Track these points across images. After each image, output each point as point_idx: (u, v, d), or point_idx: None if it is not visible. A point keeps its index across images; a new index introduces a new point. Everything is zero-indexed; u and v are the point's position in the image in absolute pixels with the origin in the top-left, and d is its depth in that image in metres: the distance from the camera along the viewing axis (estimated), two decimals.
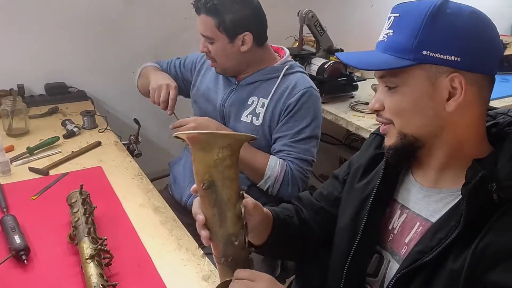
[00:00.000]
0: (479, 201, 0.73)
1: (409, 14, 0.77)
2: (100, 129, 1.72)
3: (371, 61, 0.80)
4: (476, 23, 0.76)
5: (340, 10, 2.65)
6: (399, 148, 0.82)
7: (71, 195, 1.14)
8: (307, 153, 1.46)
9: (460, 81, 0.75)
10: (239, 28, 1.42)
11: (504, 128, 0.82)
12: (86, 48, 2.04)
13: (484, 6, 3.27)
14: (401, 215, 0.89)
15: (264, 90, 1.49)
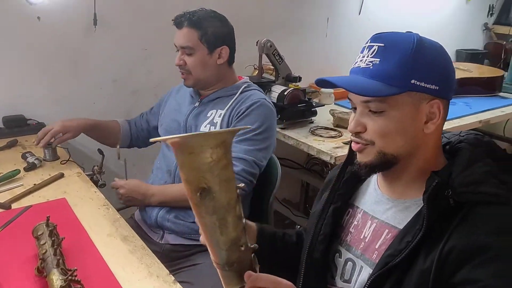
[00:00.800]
0: (438, 206, 0.83)
1: (395, 46, 0.85)
2: (62, 161, 1.70)
3: (366, 86, 0.84)
4: (445, 55, 0.88)
5: (297, 39, 2.76)
6: (375, 165, 0.90)
7: (37, 228, 1.12)
8: (248, 153, 1.52)
9: (439, 106, 0.86)
10: (219, 41, 1.58)
11: (455, 145, 0.93)
12: (45, 80, 2.02)
13: (430, 32, 3.48)
14: (371, 225, 0.97)
15: (223, 104, 1.61)
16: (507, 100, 2.73)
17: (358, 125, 0.89)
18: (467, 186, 0.82)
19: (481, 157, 0.87)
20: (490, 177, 0.83)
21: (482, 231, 0.78)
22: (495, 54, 3.68)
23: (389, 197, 0.96)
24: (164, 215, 1.58)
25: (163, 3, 2.19)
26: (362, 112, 0.89)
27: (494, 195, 0.82)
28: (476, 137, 0.92)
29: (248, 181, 1.52)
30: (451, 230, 0.81)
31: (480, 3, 3.76)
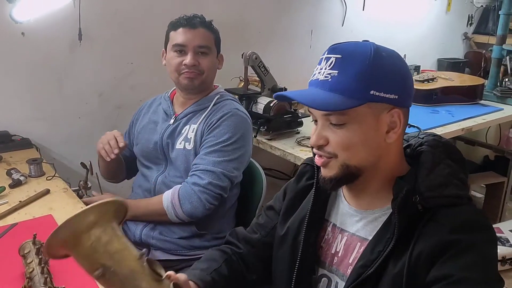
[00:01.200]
0: (408, 212, 0.85)
1: (352, 57, 0.84)
2: (48, 177, 1.69)
3: (325, 101, 0.83)
4: (402, 63, 0.89)
5: (282, 51, 2.78)
6: (340, 178, 0.89)
7: (23, 246, 1.11)
8: (217, 165, 1.51)
9: (399, 115, 0.87)
10: (219, 47, 1.65)
11: (416, 148, 0.94)
12: (30, 95, 2.01)
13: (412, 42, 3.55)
14: (342, 239, 0.97)
15: (196, 119, 1.60)
16: (488, 108, 2.78)
17: (320, 138, 0.88)
18: (434, 190, 0.84)
19: (442, 159, 0.89)
20: (452, 179, 0.86)
21: (447, 229, 0.81)
22: (475, 62, 3.76)
23: (356, 209, 0.96)
24: (148, 233, 1.57)
25: (148, 18, 2.20)
26: (323, 125, 0.88)
27: (457, 197, 0.85)
28: (435, 138, 0.94)
29: (216, 194, 1.50)
30: (418, 233, 0.83)
31: (459, 13, 3.84)
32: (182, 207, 1.50)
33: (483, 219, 0.85)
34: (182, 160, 1.58)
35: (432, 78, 2.93)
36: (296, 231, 1.02)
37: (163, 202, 1.52)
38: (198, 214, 1.51)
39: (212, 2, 2.43)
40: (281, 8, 2.74)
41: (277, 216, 1.10)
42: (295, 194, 1.08)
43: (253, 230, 1.14)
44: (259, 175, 1.70)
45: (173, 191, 1.52)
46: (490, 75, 3.14)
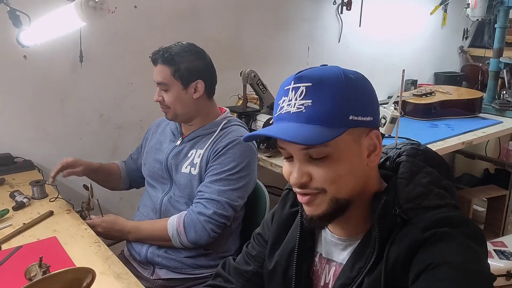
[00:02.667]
0: (388, 225, 0.82)
1: (324, 83, 0.78)
2: (51, 198, 1.69)
3: (307, 134, 0.76)
4: (369, 84, 0.85)
5: (280, 68, 2.81)
6: (329, 214, 0.83)
7: (29, 269, 1.11)
8: (222, 194, 1.51)
9: (377, 137, 0.84)
10: (193, 75, 1.57)
11: (395, 160, 0.91)
12: (32, 117, 2.02)
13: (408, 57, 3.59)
14: (330, 269, 0.93)
15: (203, 143, 1.60)
16: (487, 121, 2.80)
17: (302, 176, 0.81)
18: (413, 201, 0.81)
19: (421, 167, 0.85)
20: (433, 187, 0.83)
21: (421, 228, 0.78)
22: (472, 76, 3.79)
23: (339, 236, 0.91)
24: (154, 251, 1.58)
25: (147, 38, 2.23)
26: (302, 160, 0.81)
27: (437, 207, 0.81)
28: (412, 146, 0.91)
29: (220, 224, 1.51)
30: (392, 239, 0.81)
31: (454, 27, 3.89)
32: (187, 235, 1.51)
33: (462, 216, 0.80)
34: (187, 184, 1.59)
35: (430, 92, 2.96)
36: (285, 265, 0.97)
37: (168, 228, 1.53)
38: (202, 242, 1.53)
39: (210, 21, 2.46)
40: (278, 26, 2.78)
41: (266, 245, 1.05)
42: (279, 223, 1.02)
43: (245, 260, 1.09)
44: (262, 193, 1.70)
45: (178, 219, 1.53)
46: (488, 88, 3.17)
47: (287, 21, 2.81)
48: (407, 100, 2.84)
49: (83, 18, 1.14)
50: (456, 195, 0.87)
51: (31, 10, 1.47)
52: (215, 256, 1.59)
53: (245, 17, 2.61)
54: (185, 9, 2.36)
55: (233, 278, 1.08)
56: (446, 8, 3.69)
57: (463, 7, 3.35)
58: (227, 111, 1.72)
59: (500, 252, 2.67)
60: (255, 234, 1.11)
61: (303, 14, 2.87)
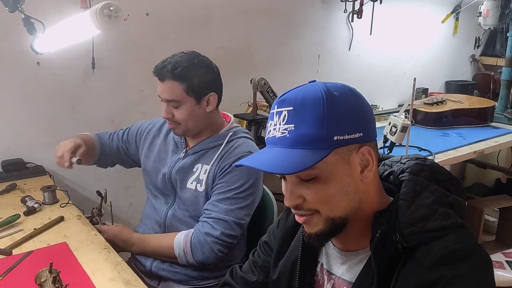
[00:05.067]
0: (387, 253, 0.80)
1: (304, 106, 0.78)
2: (62, 204, 1.70)
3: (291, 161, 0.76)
4: (358, 98, 0.82)
5: (290, 76, 2.82)
6: (326, 233, 0.83)
7: (40, 274, 1.12)
8: (229, 213, 1.47)
9: (369, 152, 0.81)
10: (205, 89, 1.50)
11: (398, 176, 0.89)
12: (44, 123, 2.04)
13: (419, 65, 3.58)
14: (328, 281, 0.92)
15: (209, 158, 1.55)
16: (499, 130, 2.77)
17: (295, 198, 0.82)
18: (415, 225, 0.79)
19: (425, 186, 0.83)
20: (437, 207, 0.80)
21: (426, 266, 0.75)
22: (484, 84, 3.77)
23: (340, 249, 0.91)
24: (158, 265, 1.57)
25: (158, 46, 2.24)
26: (293, 182, 0.82)
27: (441, 229, 0.78)
28: (417, 162, 0.88)
29: (227, 243, 1.48)
30: (398, 272, 0.78)
31: (466, 36, 3.87)
32: (194, 256, 1.47)
33: (468, 245, 0.77)
34: (193, 200, 1.55)
35: (441, 101, 2.94)
36: (289, 275, 0.97)
37: (175, 248, 1.49)
38: (209, 263, 1.49)
39: (221, 29, 2.47)
40: (288, 34, 2.79)
41: (271, 253, 1.05)
42: (284, 233, 1.02)
43: (251, 270, 1.09)
44: (270, 201, 1.69)
45: (185, 239, 1.49)
46: (500, 97, 3.14)
47: (298, 28, 2.82)
48: (418, 109, 2.83)
49: (98, 26, 1.15)
50: (464, 210, 0.84)
51: (46, 17, 1.48)
52: (220, 267, 1.55)
53: (256, 24, 2.62)
54: (196, 17, 2.37)
55: (240, 287, 1.08)
56: (458, 17, 3.67)
57: (475, 16, 3.34)
58: (232, 120, 1.64)
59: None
60: (261, 242, 1.11)
61: (313, 22, 2.88)
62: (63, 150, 1.58)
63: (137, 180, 2.34)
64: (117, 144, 1.79)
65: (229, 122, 1.63)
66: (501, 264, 2.64)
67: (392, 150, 2.06)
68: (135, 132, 1.77)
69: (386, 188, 0.89)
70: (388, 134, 2.04)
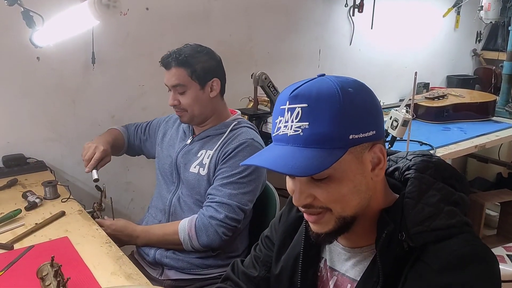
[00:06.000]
0: (392, 252, 0.79)
1: (320, 103, 0.75)
2: (63, 199, 1.70)
3: (306, 163, 0.73)
4: (370, 95, 0.80)
5: (291, 71, 2.81)
6: (336, 231, 0.82)
7: (41, 268, 1.12)
8: (232, 198, 1.51)
9: (381, 150, 0.80)
10: (208, 75, 1.59)
11: (404, 173, 0.87)
12: (45, 118, 2.04)
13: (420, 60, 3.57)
14: (331, 277, 0.92)
15: (213, 144, 1.61)
16: (501, 124, 2.76)
17: (306, 198, 0.79)
18: (421, 224, 0.78)
19: (431, 184, 0.82)
20: (443, 206, 0.80)
21: (435, 270, 0.75)
22: (485, 79, 3.76)
23: (344, 246, 0.90)
24: (162, 252, 1.59)
25: (158, 40, 2.24)
26: (304, 181, 0.79)
27: (447, 228, 0.78)
28: (423, 159, 0.87)
29: (231, 227, 1.52)
30: (405, 274, 0.78)
31: (467, 30, 3.86)
32: (198, 239, 1.51)
33: (475, 249, 0.77)
34: (194, 184, 1.60)
35: (442, 95, 2.93)
36: (291, 270, 0.96)
37: (179, 233, 1.53)
38: (214, 246, 1.53)
39: (221, 24, 2.46)
40: (289, 28, 2.78)
41: (273, 248, 1.04)
42: (286, 227, 1.01)
43: (253, 264, 1.08)
44: (272, 195, 1.70)
45: (189, 223, 1.53)
46: (502, 91, 3.13)
47: (299, 23, 2.81)
48: (419, 103, 2.82)
49: (97, 17, 1.15)
50: (468, 206, 0.84)
51: (45, 10, 1.48)
52: (223, 256, 1.59)
53: (257, 19, 2.61)
54: (197, 11, 2.37)
55: (242, 282, 1.07)
56: (459, 11, 3.66)
57: (476, 10, 3.32)
58: (238, 113, 1.73)
59: None
60: (263, 236, 1.10)
61: (314, 17, 2.87)
62: (91, 155, 1.64)
63: (138, 176, 2.34)
64: (140, 136, 1.90)
65: (234, 114, 1.72)
66: (502, 258, 2.63)
67: (393, 144, 2.06)
68: (155, 125, 1.87)
69: (391, 184, 0.89)
70: (389, 128, 2.03)
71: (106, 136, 1.80)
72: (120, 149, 1.88)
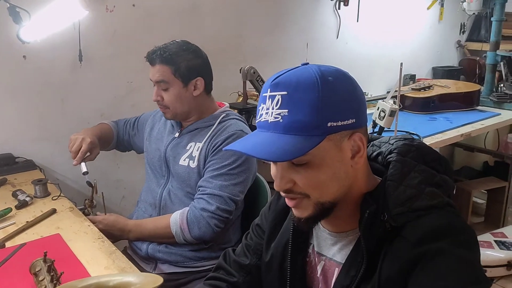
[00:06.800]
0: (375, 233, 0.81)
1: (299, 91, 0.77)
2: (54, 197, 1.70)
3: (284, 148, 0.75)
4: (351, 83, 0.81)
5: (279, 65, 2.79)
6: (315, 217, 0.84)
7: (34, 264, 1.12)
8: (223, 189, 1.52)
9: (361, 138, 0.81)
10: (193, 73, 1.58)
11: (386, 157, 0.89)
12: (33, 117, 2.03)
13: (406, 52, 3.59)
14: (319, 262, 0.94)
15: (202, 136, 1.61)
16: (485, 113, 2.81)
17: (285, 182, 0.81)
18: (403, 205, 0.79)
19: (413, 166, 0.84)
20: (424, 187, 0.81)
21: (412, 242, 0.77)
22: (470, 69, 3.80)
23: (330, 231, 0.91)
24: (154, 247, 1.59)
25: (146, 37, 2.23)
26: (284, 166, 0.81)
27: (428, 208, 0.80)
28: (405, 143, 0.88)
29: (223, 218, 1.53)
30: (385, 251, 0.80)
31: (452, 22, 3.90)
32: (190, 232, 1.52)
33: (453, 222, 0.79)
34: (185, 177, 1.60)
35: (428, 86, 2.97)
36: (281, 257, 0.98)
37: (171, 226, 1.54)
38: (206, 238, 1.54)
39: (209, 19, 2.47)
40: (277, 23, 2.79)
41: (264, 236, 1.06)
42: (275, 215, 1.03)
43: (244, 253, 1.10)
44: (264, 188, 1.71)
45: (181, 216, 1.53)
46: (486, 81, 3.18)
47: (286, 17, 2.83)
48: (406, 95, 2.85)
49: (85, 7, 1.15)
50: (452, 188, 0.85)
51: (31, 6, 1.47)
52: (216, 248, 1.60)
53: (245, 14, 2.62)
54: (185, 6, 2.37)
55: (234, 271, 1.09)
56: (443, 3, 3.70)
57: (460, 2, 3.36)
58: (227, 105, 1.73)
59: (501, 242, 2.69)
60: (253, 224, 1.12)
61: (301, 10, 2.88)
62: (78, 147, 1.64)
63: (128, 173, 2.34)
64: (129, 131, 1.90)
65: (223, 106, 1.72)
66: (490, 243, 2.69)
67: (381, 134, 2.08)
68: (143, 120, 1.88)
69: (375, 168, 0.90)
70: (376, 119, 2.06)
71: (94, 129, 1.80)
72: (109, 143, 1.87)
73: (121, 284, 0.93)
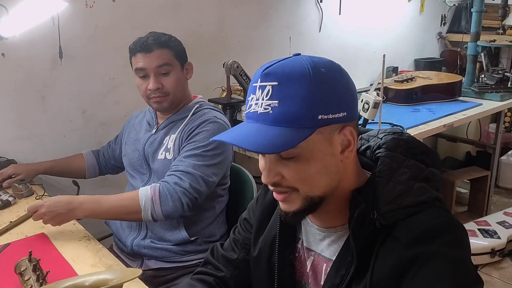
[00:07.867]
0: (365, 232, 0.80)
1: (290, 82, 0.75)
2: (37, 196, 1.68)
3: (274, 140, 0.74)
4: (344, 76, 0.80)
5: (262, 59, 2.80)
6: (303, 211, 0.83)
7: (19, 264, 1.11)
8: (196, 168, 1.49)
9: (351, 132, 0.80)
10: (184, 57, 1.64)
11: (375, 152, 0.88)
12: (14, 116, 1.99)
13: (389, 44, 3.61)
14: (308, 257, 0.93)
15: (176, 128, 1.62)
16: (467, 104, 2.84)
17: (273, 176, 0.80)
18: (392, 202, 0.79)
19: (402, 162, 0.83)
20: (413, 183, 0.81)
21: (404, 244, 0.76)
22: (451, 61, 3.85)
23: (319, 226, 0.91)
24: (139, 243, 1.58)
25: (127, 32, 2.20)
26: (272, 160, 0.80)
27: (418, 204, 0.79)
28: (394, 137, 0.88)
29: (193, 198, 1.47)
30: (377, 250, 0.79)
31: (432, 14, 3.93)
32: (162, 205, 1.43)
33: (443, 221, 0.79)
34: (164, 170, 1.57)
35: (411, 78, 3.00)
36: (269, 251, 0.97)
37: (140, 198, 1.43)
38: (175, 216, 1.47)
39: (191, 14, 2.45)
40: (259, 17, 2.78)
41: (251, 230, 1.05)
42: (262, 209, 1.02)
43: (232, 247, 1.09)
44: (249, 183, 1.71)
45: (153, 189, 1.44)
46: (467, 71, 3.22)
47: (268, 11, 2.82)
48: (389, 87, 2.87)
49: None
50: (440, 181, 0.85)
51: (8, 1, 1.44)
52: (201, 241, 1.59)
53: (227, 8, 2.60)
54: (166, 2, 2.34)
55: (222, 265, 1.08)
56: None
57: None
58: (199, 96, 1.73)
59: (484, 230, 2.74)
60: (241, 218, 1.11)
61: (283, 4, 2.88)
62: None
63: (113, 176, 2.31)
64: (114, 149, 1.89)
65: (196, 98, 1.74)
66: (474, 232, 2.73)
67: (365, 126, 2.10)
68: (122, 132, 1.87)
69: (363, 163, 0.90)
70: (360, 111, 2.07)
71: (42, 162, 1.85)
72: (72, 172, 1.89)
73: (98, 281, 0.92)
